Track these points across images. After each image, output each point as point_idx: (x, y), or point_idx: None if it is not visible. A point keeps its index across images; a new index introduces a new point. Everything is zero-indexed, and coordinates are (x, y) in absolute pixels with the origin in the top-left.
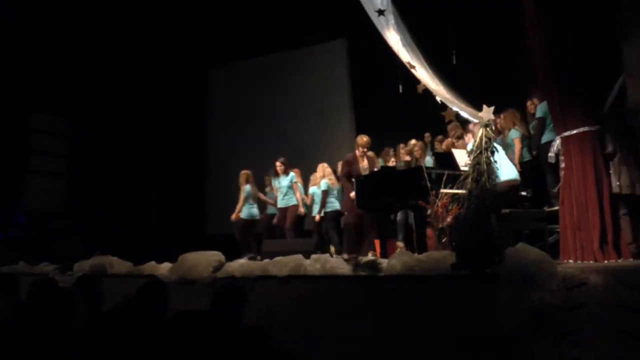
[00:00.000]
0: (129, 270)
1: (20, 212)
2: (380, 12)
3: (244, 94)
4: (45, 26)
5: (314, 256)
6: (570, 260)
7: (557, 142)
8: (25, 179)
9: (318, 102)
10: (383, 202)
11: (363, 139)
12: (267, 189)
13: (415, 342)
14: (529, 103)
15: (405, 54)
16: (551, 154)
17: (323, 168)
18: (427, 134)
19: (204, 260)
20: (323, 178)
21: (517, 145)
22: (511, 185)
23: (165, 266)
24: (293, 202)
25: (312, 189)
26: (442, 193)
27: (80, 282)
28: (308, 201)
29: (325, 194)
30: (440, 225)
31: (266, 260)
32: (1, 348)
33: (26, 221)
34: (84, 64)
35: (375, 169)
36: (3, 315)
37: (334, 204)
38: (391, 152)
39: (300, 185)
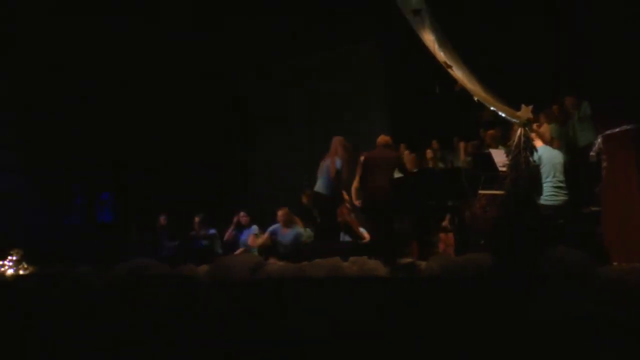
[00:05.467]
0: (166, 272)
1: (65, 215)
2: (416, 12)
3: (279, 96)
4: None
5: (352, 258)
6: (614, 263)
7: (599, 140)
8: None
9: (352, 103)
10: (422, 204)
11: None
12: None
13: (453, 344)
14: (567, 100)
15: (441, 54)
16: (592, 153)
17: None
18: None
19: (241, 262)
20: None
21: None
22: None
23: (203, 268)
24: None
25: None
26: (480, 194)
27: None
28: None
29: None
30: (479, 227)
31: (304, 262)
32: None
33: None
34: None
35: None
36: (43, 314)
37: None
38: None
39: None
